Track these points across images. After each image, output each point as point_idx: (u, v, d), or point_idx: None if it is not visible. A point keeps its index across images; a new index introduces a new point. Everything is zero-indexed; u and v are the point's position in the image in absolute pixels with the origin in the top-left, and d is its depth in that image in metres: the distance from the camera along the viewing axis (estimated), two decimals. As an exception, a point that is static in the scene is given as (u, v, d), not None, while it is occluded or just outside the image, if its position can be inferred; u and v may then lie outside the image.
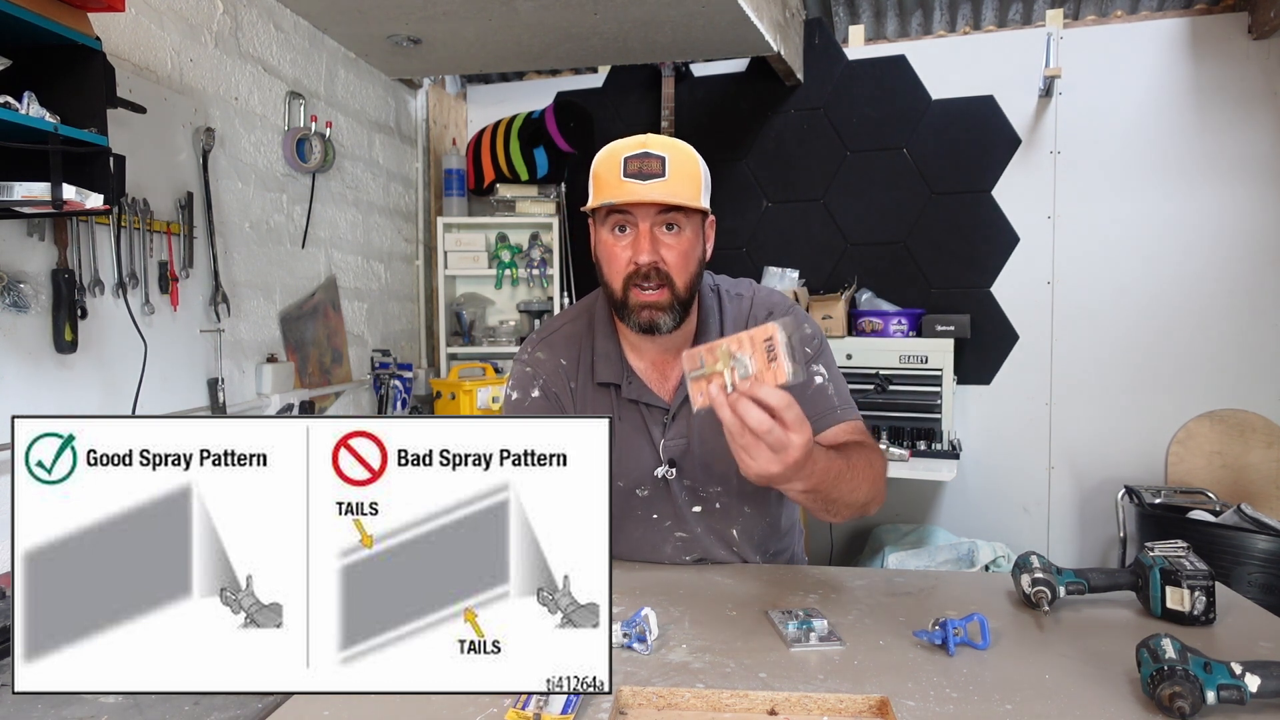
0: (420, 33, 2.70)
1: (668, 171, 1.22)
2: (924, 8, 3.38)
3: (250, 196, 2.33)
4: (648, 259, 1.25)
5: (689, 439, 1.38)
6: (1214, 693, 0.88)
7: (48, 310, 1.62)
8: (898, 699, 0.95)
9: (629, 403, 1.38)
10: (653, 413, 1.39)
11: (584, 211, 1.32)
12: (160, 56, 1.98)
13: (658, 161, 1.22)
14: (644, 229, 1.25)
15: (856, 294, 3.34)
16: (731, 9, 2.50)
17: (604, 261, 1.31)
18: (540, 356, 1.42)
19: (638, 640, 1.09)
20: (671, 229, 1.26)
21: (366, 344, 3.00)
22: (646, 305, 1.27)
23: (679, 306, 1.29)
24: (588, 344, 1.41)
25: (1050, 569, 1.22)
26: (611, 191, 1.24)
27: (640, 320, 1.28)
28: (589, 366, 1.39)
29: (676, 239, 1.27)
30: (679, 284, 1.27)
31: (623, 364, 1.38)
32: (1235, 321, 3.03)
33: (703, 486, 1.42)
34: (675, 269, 1.26)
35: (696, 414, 1.36)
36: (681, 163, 1.25)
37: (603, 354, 1.38)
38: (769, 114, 3.45)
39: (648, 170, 1.22)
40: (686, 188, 1.24)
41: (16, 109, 1.26)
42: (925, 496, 3.35)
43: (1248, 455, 2.98)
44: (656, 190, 1.22)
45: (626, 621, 1.11)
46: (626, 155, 1.23)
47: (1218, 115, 3.02)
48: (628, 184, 1.22)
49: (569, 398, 1.40)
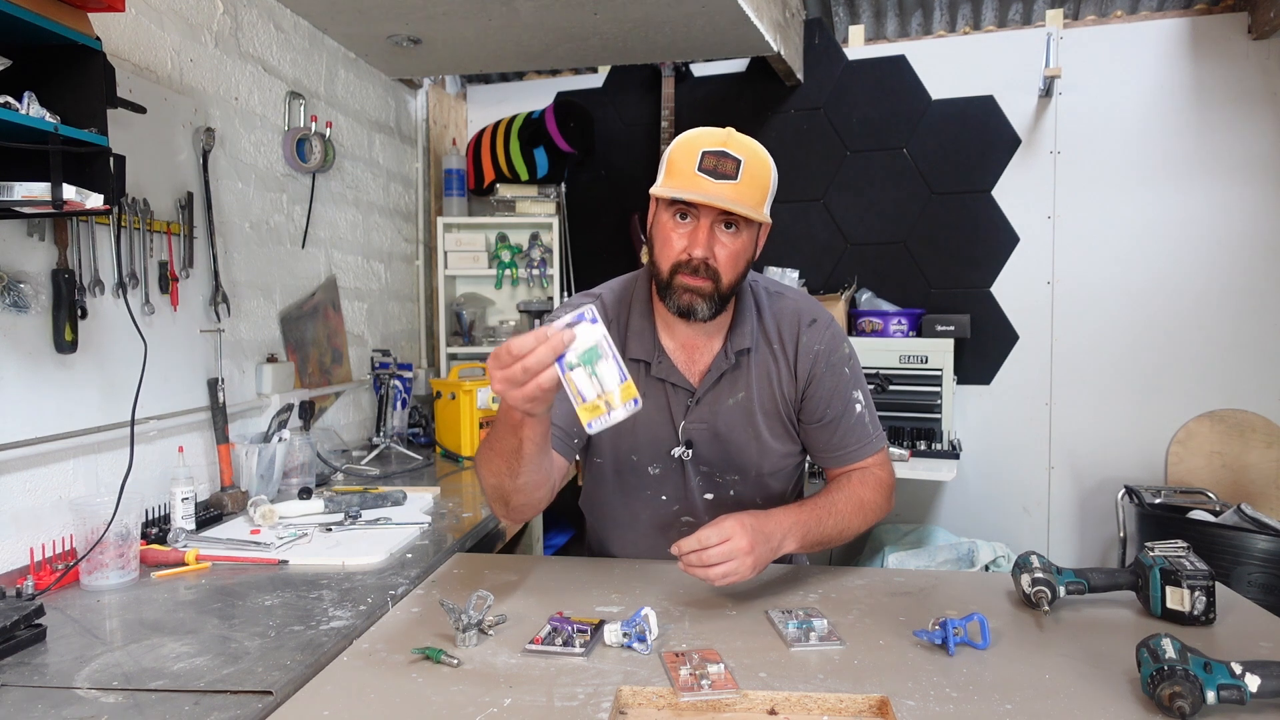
0: (420, 33, 2.70)
1: (740, 175, 1.25)
2: (924, 8, 3.38)
3: (250, 196, 2.33)
4: (701, 254, 1.28)
5: (712, 425, 1.41)
6: (1214, 693, 0.88)
7: (48, 310, 1.61)
8: (898, 699, 0.95)
9: (656, 380, 1.42)
10: (678, 393, 1.42)
11: (651, 193, 1.33)
12: (160, 56, 1.98)
13: (733, 164, 1.25)
14: (704, 224, 1.28)
15: (856, 294, 3.34)
16: (731, 9, 2.50)
17: (658, 242, 1.34)
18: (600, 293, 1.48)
19: (638, 640, 1.09)
20: (730, 228, 1.30)
21: (366, 344, 3.00)
22: (690, 289, 1.30)
23: (719, 299, 1.32)
24: (623, 318, 1.45)
25: (1050, 569, 1.23)
26: (683, 182, 1.26)
27: (680, 303, 1.31)
28: (622, 339, 1.43)
29: (732, 239, 1.30)
30: (725, 280, 1.31)
31: (655, 342, 1.42)
32: (1235, 321, 3.03)
33: (720, 473, 1.44)
34: (724, 267, 1.30)
35: (723, 402, 1.38)
36: (755, 170, 1.27)
37: (637, 330, 1.42)
38: (769, 114, 3.45)
39: (722, 170, 1.24)
40: (753, 195, 1.27)
41: (16, 109, 1.26)
42: (925, 496, 3.35)
43: (1248, 455, 2.98)
44: (726, 192, 1.24)
45: (626, 621, 1.11)
46: (705, 149, 1.25)
47: (1218, 115, 3.02)
48: (700, 179, 1.24)
49: None
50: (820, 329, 1.43)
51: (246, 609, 1.32)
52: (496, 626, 1.16)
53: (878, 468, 1.44)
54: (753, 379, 1.41)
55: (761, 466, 1.44)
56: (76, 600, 1.37)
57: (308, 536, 1.71)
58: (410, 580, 1.43)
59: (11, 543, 1.54)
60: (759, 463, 1.43)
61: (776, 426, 1.43)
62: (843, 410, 1.41)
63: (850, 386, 1.43)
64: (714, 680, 0.99)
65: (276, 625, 1.24)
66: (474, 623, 1.11)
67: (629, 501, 1.49)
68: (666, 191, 1.27)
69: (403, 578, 1.45)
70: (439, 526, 1.84)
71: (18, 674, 1.08)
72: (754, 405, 1.41)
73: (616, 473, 1.48)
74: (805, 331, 1.42)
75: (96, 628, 1.25)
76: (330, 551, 1.61)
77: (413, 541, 1.70)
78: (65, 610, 1.32)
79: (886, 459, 1.47)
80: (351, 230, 2.92)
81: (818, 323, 1.43)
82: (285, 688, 1.03)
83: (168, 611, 1.32)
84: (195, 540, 1.68)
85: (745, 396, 1.41)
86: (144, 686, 1.03)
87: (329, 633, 1.20)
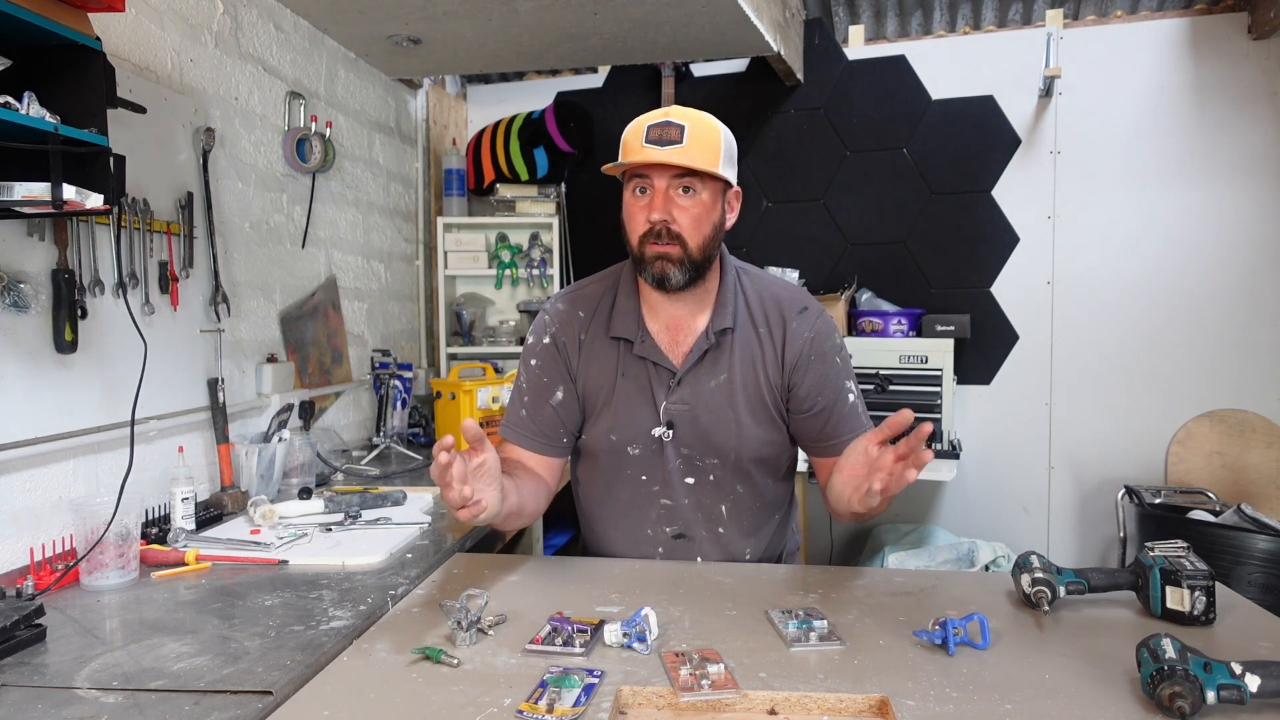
0: (420, 33, 2.70)
1: (685, 139, 1.31)
2: (924, 8, 3.38)
3: (250, 196, 2.33)
4: (659, 216, 1.33)
5: (694, 406, 1.42)
6: (1214, 693, 0.88)
7: (48, 310, 1.61)
8: (898, 699, 0.95)
9: (637, 359, 1.44)
10: (659, 373, 1.43)
11: (610, 174, 1.39)
12: (160, 56, 1.98)
13: (677, 130, 1.31)
14: (659, 188, 1.34)
15: (856, 294, 3.34)
16: (731, 9, 2.50)
17: (626, 221, 1.40)
18: (560, 308, 1.51)
19: (638, 640, 1.09)
20: (688, 192, 1.34)
21: (366, 344, 3.00)
22: (659, 256, 1.34)
23: (690, 264, 1.35)
24: (609, 301, 1.48)
25: (1050, 569, 1.23)
26: (632, 155, 1.33)
27: (654, 272, 1.35)
28: (605, 320, 1.47)
29: (691, 202, 1.34)
30: (691, 244, 1.34)
31: (639, 322, 1.44)
32: (1235, 321, 3.03)
33: (700, 456, 1.45)
34: (687, 230, 1.34)
35: (705, 383, 1.39)
36: (701, 132, 1.33)
37: (622, 310, 1.46)
38: (769, 114, 3.45)
39: (667, 137, 1.31)
40: (703, 154, 1.32)
41: (16, 109, 1.26)
42: (925, 496, 3.35)
43: (1248, 455, 2.98)
44: (672, 155, 1.30)
45: (626, 621, 1.11)
46: (650, 123, 1.32)
47: (1218, 115, 3.02)
48: (647, 149, 1.31)
49: (575, 348, 1.48)
50: (810, 317, 1.44)
51: (246, 609, 1.32)
52: (496, 626, 1.16)
53: None
54: (735, 361, 1.42)
55: (741, 451, 1.43)
56: (76, 600, 1.37)
57: (308, 536, 1.71)
58: (410, 580, 1.43)
59: (11, 543, 1.54)
60: (738, 447, 1.43)
61: (760, 411, 1.43)
62: (834, 399, 1.42)
63: (842, 376, 1.43)
64: (714, 680, 0.99)
65: (276, 625, 1.24)
66: (473, 622, 1.11)
67: (610, 482, 1.50)
68: (617, 165, 1.35)
69: (403, 578, 1.45)
70: (439, 526, 1.84)
71: (18, 674, 1.08)
72: (735, 387, 1.41)
73: (599, 453, 1.50)
74: (796, 318, 1.43)
75: (96, 628, 1.25)
76: (330, 551, 1.61)
77: (413, 541, 1.70)
78: (65, 610, 1.32)
79: None
80: (351, 230, 2.92)
81: (808, 311, 1.45)
82: (285, 688, 1.03)
83: (168, 611, 1.31)
84: (195, 540, 1.68)
85: (727, 379, 1.41)
86: (144, 686, 1.03)
87: (329, 633, 1.20)
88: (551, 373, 1.48)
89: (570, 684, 0.98)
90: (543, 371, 1.48)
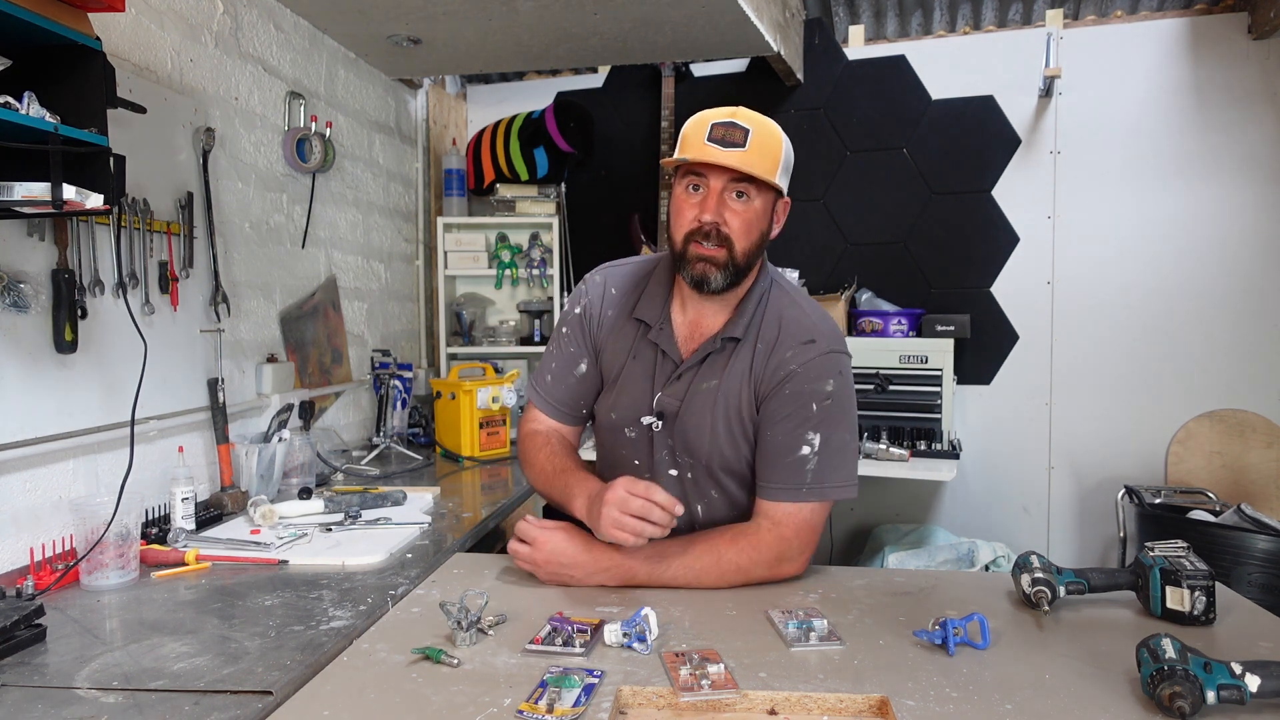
0: (420, 33, 2.70)
1: (749, 144, 1.28)
2: (924, 8, 3.38)
3: (250, 196, 2.33)
4: (711, 218, 1.31)
5: (681, 404, 1.41)
6: (1214, 693, 0.88)
7: (48, 310, 1.61)
8: (898, 699, 0.95)
9: (650, 344, 1.44)
10: (664, 363, 1.43)
11: (665, 166, 1.37)
12: (160, 56, 1.98)
13: (741, 133, 1.29)
14: (714, 189, 1.31)
15: (856, 294, 3.34)
16: (731, 9, 2.50)
17: (673, 214, 1.38)
18: (597, 280, 1.52)
19: (638, 640, 1.09)
20: (741, 197, 1.32)
21: (366, 344, 3.00)
22: (703, 258, 1.32)
23: (733, 269, 1.34)
24: (643, 283, 1.48)
25: (1050, 569, 1.22)
26: (692, 151, 1.30)
27: (694, 273, 1.33)
28: (634, 301, 1.47)
29: (745, 207, 1.32)
30: (738, 249, 1.33)
31: (664, 310, 1.44)
32: (1235, 321, 3.03)
33: (680, 453, 1.45)
34: (737, 234, 1.32)
35: (698, 385, 1.38)
36: (764, 139, 1.31)
37: (650, 295, 1.46)
38: (769, 114, 3.38)
39: (730, 139, 1.28)
40: (763, 162, 1.30)
41: (16, 109, 1.26)
42: (925, 496, 3.35)
43: (1248, 455, 2.98)
44: (733, 157, 1.28)
45: (626, 621, 1.11)
46: (715, 121, 1.30)
47: (1218, 115, 3.01)
48: (709, 148, 1.29)
49: (600, 322, 1.48)
50: (809, 351, 1.35)
51: (246, 609, 1.32)
52: (496, 626, 1.16)
53: (778, 525, 1.33)
54: (727, 369, 1.39)
55: (712, 459, 1.41)
56: (76, 600, 1.37)
57: (308, 536, 1.71)
58: (410, 580, 1.43)
59: (11, 543, 1.55)
60: (710, 454, 1.41)
61: (736, 424, 1.39)
62: (785, 443, 1.33)
63: (810, 425, 1.33)
64: (714, 680, 0.98)
65: (276, 625, 1.24)
66: (473, 622, 1.11)
67: (610, 460, 1.53)
68: (677, 158, 1.32)
69: (403, 578, 1.46)
70: (439, 526, 1.84)
71: (18, 674, 1.08)
72: (719, 395, 1.39)
73: (602, 428, 1.53)
74: (795, 346, 1.36)
75: (96, 628, 1.25)
76: (330, 551, 1.61)
77: (413, 541, 1.70)
78: (65, 610, 1.32)
79: (805, 519, 1.33)
80: (351, 230, 2.92)
81: (812, 345, 1.36)
82: (285, 688, 1.03)
83: (168, 611, 1.32)
84: (195, 540, 1.68)
85: (716, 385, 1.39)
86: (144, 686, 1.03)
87: (329, 633, 1.20)
88: (579, 343, 1.50)
89: (570, 684, 0.98)
90: (570, 341, 1.51)
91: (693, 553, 1.31)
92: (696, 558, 1.31)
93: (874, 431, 3.08)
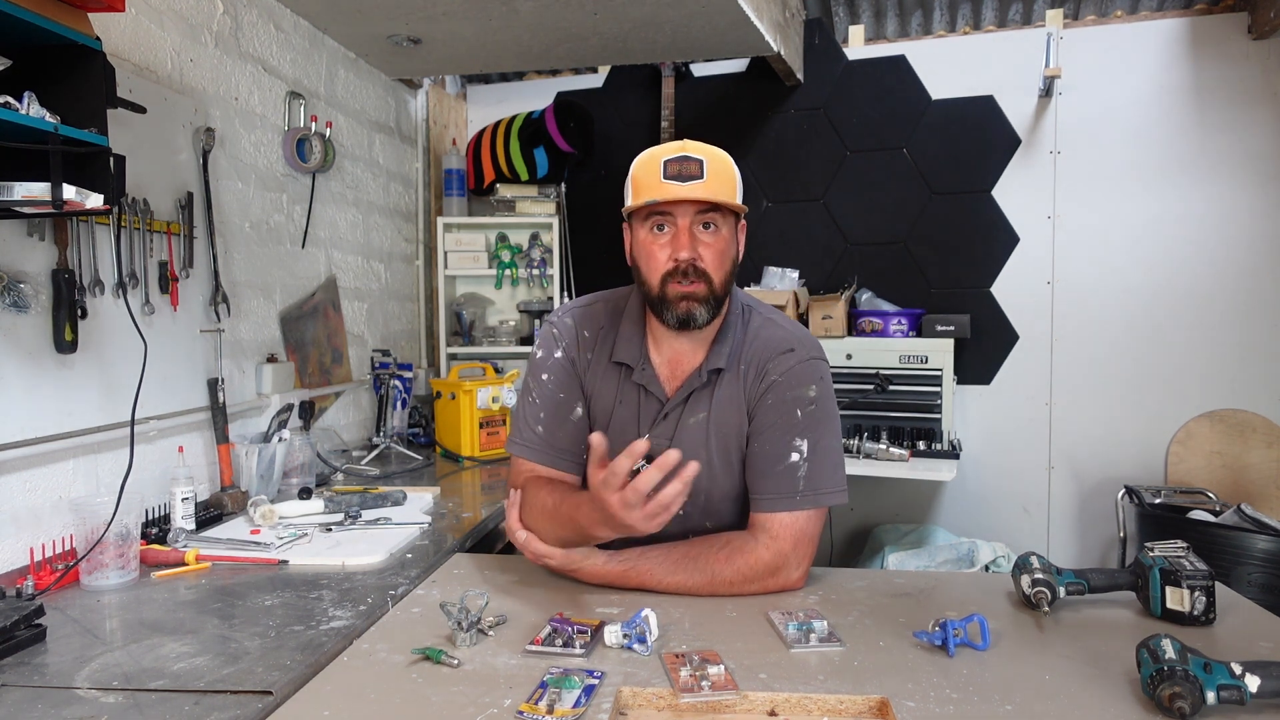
0: (420, 33, 2.70)
1: (706, 173, 1.27)
2: (924, 8, 3.38)
3: (250, 196, 2.33)
4: (687, 255, 1.29)
5: (671, 443, 1.38)
6: (1214, 693, 0.88)
7: (48, 310, 1.61)
8: (898, 700, 0.95)
9: (634, 386, 1.41)
10: (649, 403, 1.41)
11: (623, 213, 1.36)
12: (160, 56, 1.98)
13: (696, 164, 1.27)
14: (684, 226, 1.29)
15: (856, 294, 3.34)
16: (731, 9, 2.50)
17: (642, 259, 1.34)
18: (568, 323, 1.47)
19: (638, 640, 1.09)
20: (709, 228, 1.31)
21: (366, 344, 3.00)
22: (685, 296, 1.30)
23: (714, 301, 1.32)
24: (613, 326, 1.44)
25: (1050, 569, 1.23)
26: (652, 192, 1.28)
27: (679, 312, 1.31)
28: (610, 345, 1.43)
29: (714, 238, 1.31)
30: (716, 281, 1.31)
31: (642, 349, 1.41)
32: (1235, 321, 3.03)
33: None
34: (712, 266, 1.30)
35: (685, 420, 1.37)
36: (718, 166, 1.29)
37: (626, 336, 1.42)
38: (769, 114, 3.45)
39: (687, 172, 1.27)
40: (725, 188, 1.29)
41: (16, 109, 1.26)
42: (925, 496, 3.35)
43: (1248, 455, 2.98)
44: (697, 190, 1.27)
45: (626, 622, 1.11)
46: (666, 159, 1.28)
47: (1218, 115, 3.02)
48: (668, 185, 1.27)
49: (584, 366, 1.44)
50: (789, 360, 1.35)
51: (246, 609, 1.32)
52: (496, 627, 1.16)
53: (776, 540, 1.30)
54: (715, 400, 1.37)
55: (711, 493, 1.39)
56: (76, 600, 1.37)
57: (308, 536, 1.71)
58: (410, 580, 1.43)
59: (11, 543, 1.55)
60: (708, 488, 1.38)
61: (732, 452, 1.38)
62: (774, 452, 1.33)
63: (797, 432, 1.32)
64: (714, 681, 0.98)
65: (276, 625, 1.24)
66: (473, 623, 1.11)
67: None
68: (639, 201, 1.29)
69: (403, 578, 1.46)
70: (439, 526, 1.84)
71: (18, 674, 1.08)
72: (710, 427, 1.37)
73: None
74: (775, 358, 1.36)
75: (96, 628, 1.25)
76: (330, 551, 1.61)
77: (413, 541, 1.70)
78: (65, 610, 1.32)
79: (802, 528, 1.31)
80: (351, 230, 2.92)
81: (791, 354, 1.36)
82: (285, 688, 1.03)
83: (168, 611, 1.32)
84: (195, 540, 1.68)
85: (705, 417, 1.37)
86: (144, 686, 1.03)
87: (329, 633, 1.20)
88: (569, 388, 1.43)
89: (570, 685, 0.98)
90: (558, 387, 1.43)
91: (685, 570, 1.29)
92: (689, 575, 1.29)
93: (874, 431, 3.09)
